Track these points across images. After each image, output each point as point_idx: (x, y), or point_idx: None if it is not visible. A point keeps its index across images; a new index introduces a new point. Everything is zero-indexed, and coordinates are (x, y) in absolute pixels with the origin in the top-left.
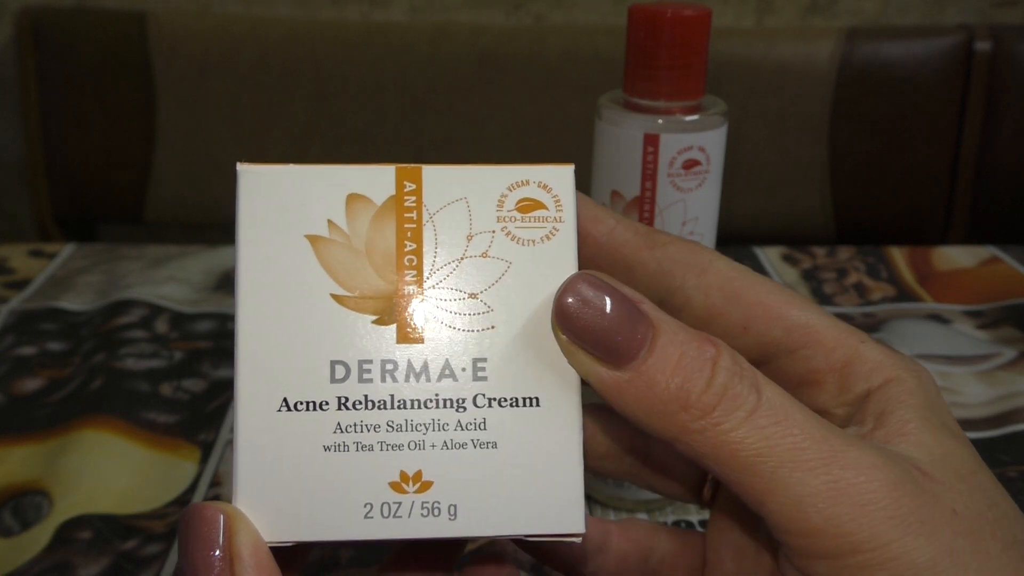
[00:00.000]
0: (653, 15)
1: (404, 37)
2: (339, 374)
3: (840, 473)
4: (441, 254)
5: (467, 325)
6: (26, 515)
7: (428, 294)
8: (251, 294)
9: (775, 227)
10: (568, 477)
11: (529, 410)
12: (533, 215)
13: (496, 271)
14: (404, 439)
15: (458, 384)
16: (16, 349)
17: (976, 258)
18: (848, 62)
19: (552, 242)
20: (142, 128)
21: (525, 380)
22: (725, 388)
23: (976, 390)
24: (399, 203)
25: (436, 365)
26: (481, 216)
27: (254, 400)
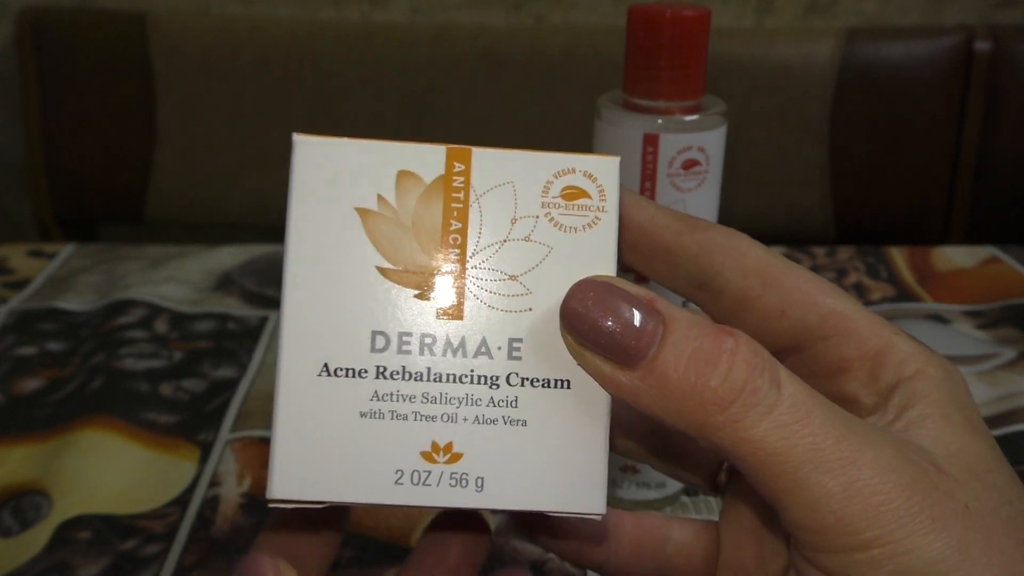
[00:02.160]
0: (653, 15)
1: (404, 37)
2: (379, 344)
3: (856, 474)
4: (485, 235)
5: (505, 305)
6: (26, 515)
7: (470, 273)
8: (299, 261)
9: (775, 227)
10: (593, 459)
11: (560, 392)
12: (577, 203)
13: (537, 255)
14: (438, 411)
15: (493, 362)
16: (16, 349)
17: (976, 258)
18: (848, 62)
19: (594, 231)
20: (142, 128)
21: (558, 363)
22: (744, 382)
23: (976, 390)
24: (448, 183)
25: (473, 342)
26: (526, 201)
27: (296, 363)
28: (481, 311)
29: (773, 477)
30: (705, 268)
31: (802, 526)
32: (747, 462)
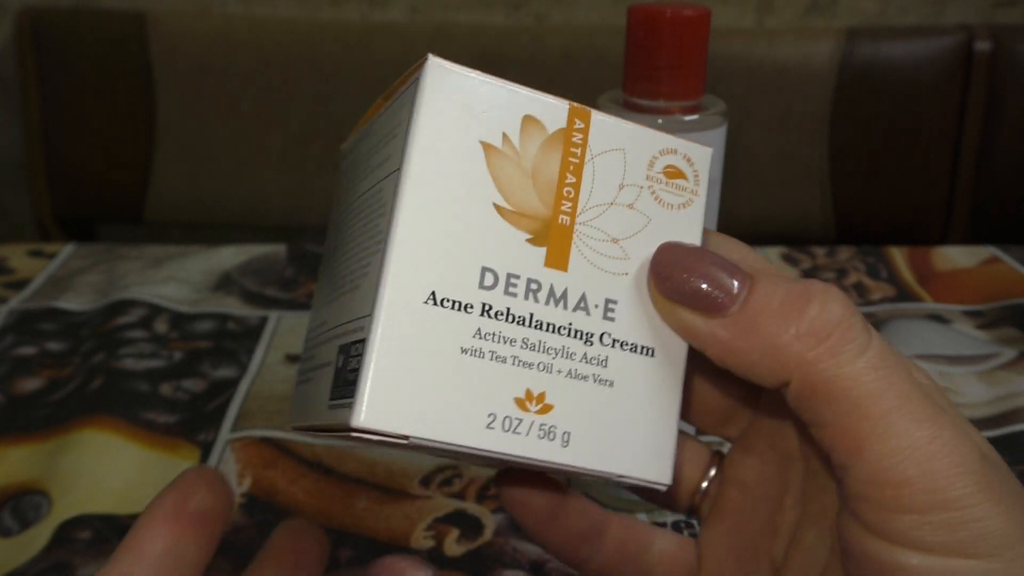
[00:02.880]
0: (653, 15)
1: (404, 37)
2: (488, 281)
3: (940, 431)
4: (596, 195)
5: (606, 266)
6: (25, 515)
7: (579, 228)
8: (417, 182)
9: (775, 227)
10: (666, 429)
11: (645, 358)
12: (675, 182)
13: (638, 223)
14: (535, 359)
15: (590, 318)
16: (16, 349)
17: (976, 258)
18: (848, 62)
19: (687, 211)
20: (142, 128)
21: (646, 330)
22: (840, 319)
23: (976, 390)
24: (568, 137)
25: (575, 295)
26: (634, 170)
27: (402, 287)
28: (584, 267)
29: (863, 420)
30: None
31: (882, 480)
32: (838, 402)
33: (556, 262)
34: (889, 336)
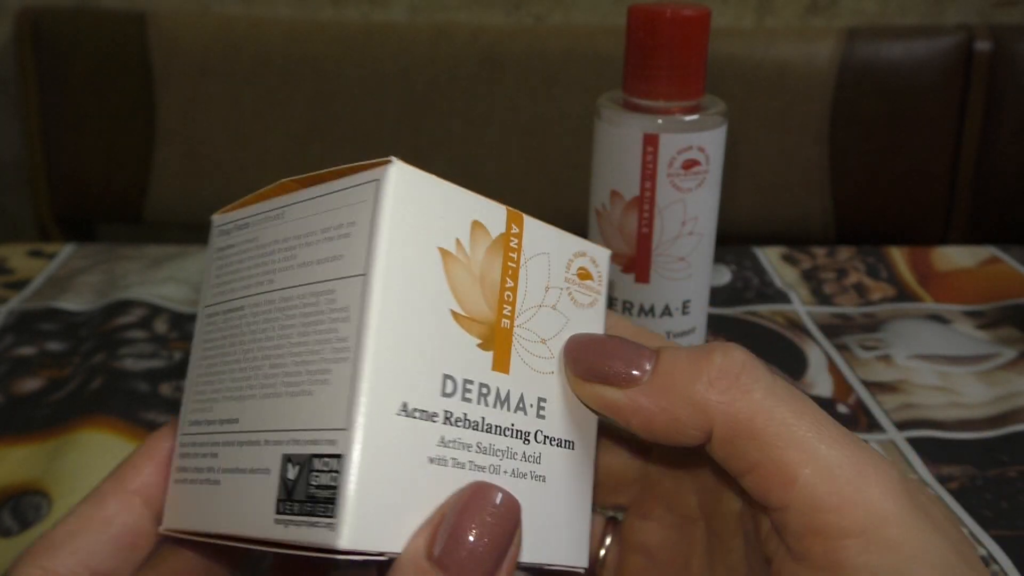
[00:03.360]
0: (652, 15)
1: (404, 37)
2: (448, 388)
3: (858, 453)
4: (529, 297)
5: (537, 366)
6: (25, 515)
7: (517, 331)
8: (385, 290)
9: (775, 227)
10: (583, 514)
11: (568, 451)
12: (585, 283)
13: (559, 323)
14: (487, 462)
15: (527, 418)
16: (16, 349)
17: (976, 258)
18: (848, 62)
19: (593, 309)
20: (142, 128)
21: (568, 424)
22: (744, 361)
23: (976, 390)
24: (507, 241)
25: (515, 397)
26: (556, 273)
27: (379, 399)
28: (522, 368)
29: (789, 449)
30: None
31: (822, 506)
32: (762, 435)
33: (501, 365)
34: (889, 336)
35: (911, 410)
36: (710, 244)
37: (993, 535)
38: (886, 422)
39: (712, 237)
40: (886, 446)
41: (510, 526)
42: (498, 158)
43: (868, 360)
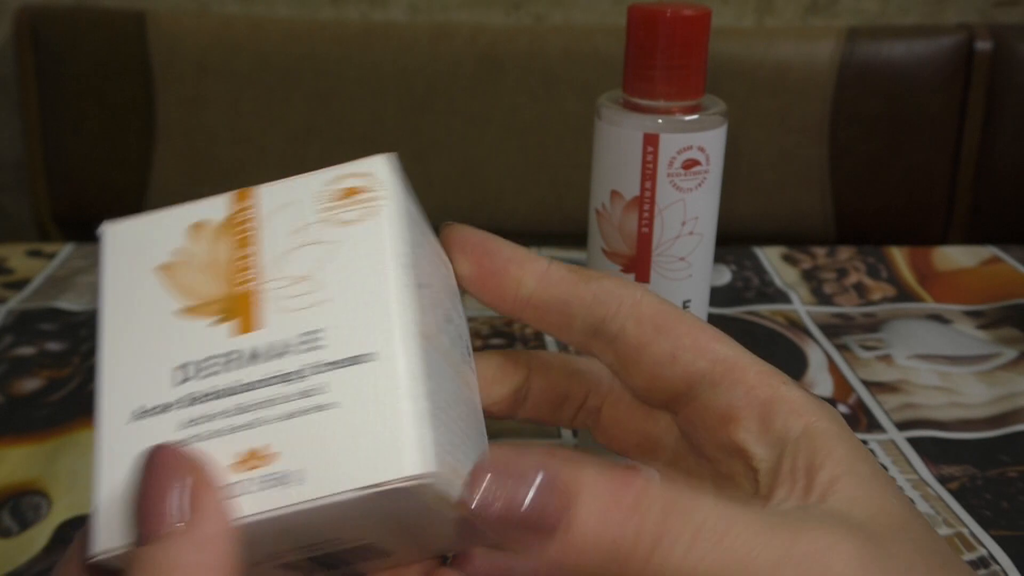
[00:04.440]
0: (652, 15)
1: (404, 37)
2: (181, 376)
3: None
4: (272, 251)
5: (303, 303)
6: (25, 515)
7: (264, 287)
8: (108, 324)
9: (775, 227)
10: (415, 419)
11: (368, 364)
12: (354, 199)
13: (324, 252)
14: (249, 419)
15: (295, 357)
16: (15, 349)
17: (976, 258)
18: (848, 62)
19: (375, 219)
20: (142, 128)
21: (363, 339)
22: (658, 531)
23: (976, 390)
24: (232, 220)
25: (275, 347)
26: (308, 212)
27: (110, 418)
28: (281, 317)
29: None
30: (600, 316)
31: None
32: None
33: (248, 326)
34: (889, 336)
35: (911, 410)
36: (710, 244)
37: (993, 535)
38: (886, 422)
39: (712, 237)
40: (886, 446)
41: (163, 473)
42: (498, 158)
43: (868, 360)
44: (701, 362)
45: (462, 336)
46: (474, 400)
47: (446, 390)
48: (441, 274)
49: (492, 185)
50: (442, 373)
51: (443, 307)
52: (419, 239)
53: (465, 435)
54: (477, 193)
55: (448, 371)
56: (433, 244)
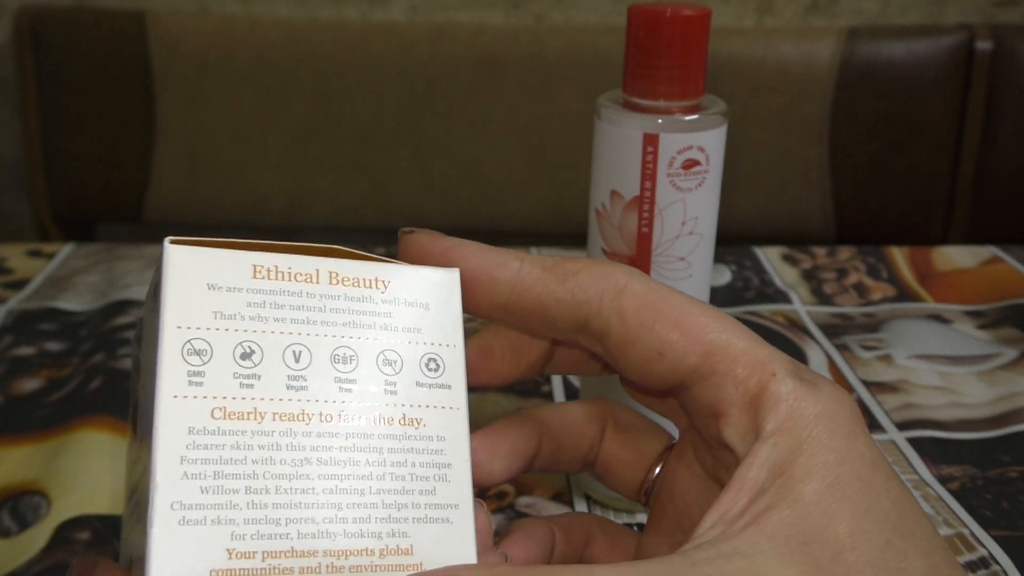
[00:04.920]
0: (653, 15)
1: (404, 37)
2: None
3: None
4: None
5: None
6: (24, 516)
7: None
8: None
9: (775, 227)
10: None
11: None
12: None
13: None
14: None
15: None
16: (15, 349)
17: (976, 258)
18: (848, 62)
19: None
20: (142, 128)
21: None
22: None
23: (976, 390)
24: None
25: None
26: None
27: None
28: None
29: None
30: (582, 316)
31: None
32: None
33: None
34: (890, 336)
35: (911, 410)
36: (710, 244)
37: (993, 535)
38: (886, 422)
39: (712, 237)
40: (886, 446)
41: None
42: (498, 158)
43: (868, 360)
44: (690, 357)
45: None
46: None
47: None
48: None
49: (492, 185)
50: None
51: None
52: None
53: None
54: (477, 193)
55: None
56: None
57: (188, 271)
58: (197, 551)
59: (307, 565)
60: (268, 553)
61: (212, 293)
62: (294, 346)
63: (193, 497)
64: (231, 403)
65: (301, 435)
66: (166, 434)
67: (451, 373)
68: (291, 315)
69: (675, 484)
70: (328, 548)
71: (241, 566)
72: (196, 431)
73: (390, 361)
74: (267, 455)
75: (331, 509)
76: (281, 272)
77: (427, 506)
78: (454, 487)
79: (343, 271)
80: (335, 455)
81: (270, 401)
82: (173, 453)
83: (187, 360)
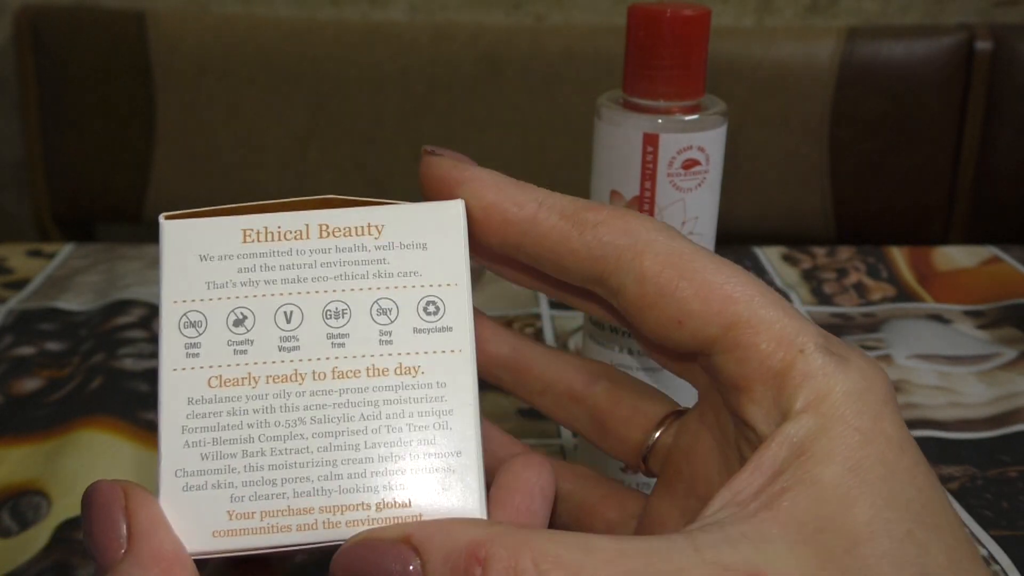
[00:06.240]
0: (653, 15)
1: (404, 37)
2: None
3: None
4: None
5: None
6: (25, 515)
7: None
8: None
9: (775, 227)
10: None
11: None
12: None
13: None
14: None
15: None
16: (15, 349)
17: (976, 258)
18: (848, 62)
19: None
20: (142, 128)
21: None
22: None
23: (976, 390)
24: None
25: None
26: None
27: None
28: None
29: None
30: (597, 272)
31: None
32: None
33: None
34: (889, 336)
35: (911, 410)
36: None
37: (993, 535)
38: None
39: (712, 237)
40: None
41: (101, 507)
42: (498, 158)
43: None
44: (711, 328)
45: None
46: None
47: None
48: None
49: None
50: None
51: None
52: None
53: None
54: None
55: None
56: None
57: (181, 244)
58: (200, 515)
59: (304, 522)
60: (265, 512)
61: (204, 264)
62: (285, 307)
63: (194, 464)
64: (226, 371)
65: (294, 395)
66: (168, 406)
67: (453, 315)
68: (281, 275)
69: (693, 447)
70: (323, 504)
71: (241, 526)
72: (195, 401)
73: (384, 310)
74: (261, 418)
75: (326, 467)
76: (271, 233)
77: (426, 456)
78: (455, 434)
79: (334, 222)
80: (328, 412)
81: (263, 365)
82: (175, 424)
83: (184, 333)
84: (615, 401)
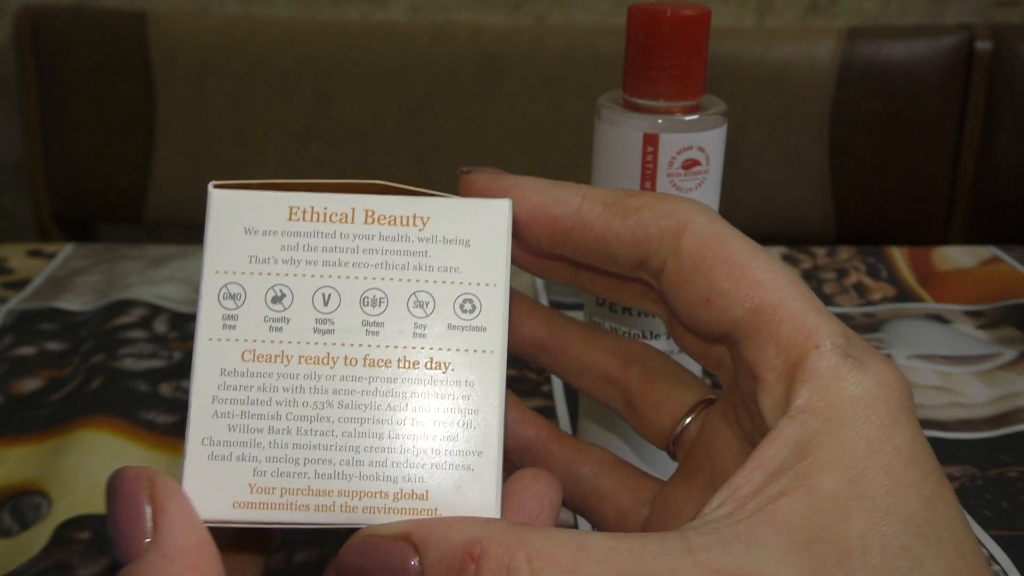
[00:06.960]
0: (653, 15)
1: (404, 37)
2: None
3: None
4: None
5: None
6: (25, 515)
7: None
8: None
9: (775, 227)
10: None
11: None
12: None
13: None
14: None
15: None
16: (15, 349)
17: (976, 258)
18: (848, 62)
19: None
20: (142, 128)
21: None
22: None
23: (976, 390)
24: None
25: None
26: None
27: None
28: None
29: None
30: (642, 254)
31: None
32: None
33: None
34: (889, 336)
35: None
36: None
37: (993, 535)
38: None
39: None
40: None
41: (127, 495)
42: (498, 158)
43: None
44: (737, 310)
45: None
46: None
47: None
48: None
49: None
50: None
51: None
52: None
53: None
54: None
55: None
56: None
57: (228, 215)
58: (223, 484)
59: (322, 503)
60: (286, 490)
61: (248, 237)
62: (324, 289)
63: (221, 434)
64: (260, 346)
65: (325, 378)
66: (201, 374)
67: (488, 315)
68: (323, 257)
69: (714, 441)
70: (343, 488)
71: (261, 500)
72: (227, 372)
73: (421, 303)
74: (290, 397)
75: (348, 452)
76: (317, 213)
77: (447, 452)
78: (478, 433)
79: (380, 209)
80: (356, 399)
81: (297, 344)
82: (207, 392)
83: (223, 304)
84: (648, 385)
